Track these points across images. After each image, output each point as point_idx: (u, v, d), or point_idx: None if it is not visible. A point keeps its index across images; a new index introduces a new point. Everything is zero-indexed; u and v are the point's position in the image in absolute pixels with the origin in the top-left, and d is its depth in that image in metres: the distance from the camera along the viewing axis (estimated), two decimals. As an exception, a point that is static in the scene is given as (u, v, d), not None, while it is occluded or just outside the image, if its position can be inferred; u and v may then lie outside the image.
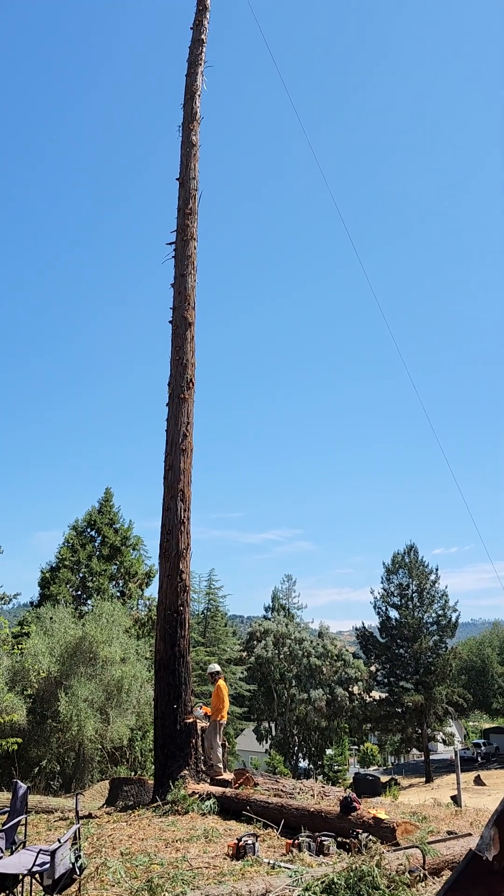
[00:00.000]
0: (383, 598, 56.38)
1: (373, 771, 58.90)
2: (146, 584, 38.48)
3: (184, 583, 12.44)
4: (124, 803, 12.03)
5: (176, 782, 10.66)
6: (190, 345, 13.94)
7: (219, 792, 10.25)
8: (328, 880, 5.30)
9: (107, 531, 38.19)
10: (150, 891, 5.38)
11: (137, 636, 31.40)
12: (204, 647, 59.74)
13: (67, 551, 36.79)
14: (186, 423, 13.39)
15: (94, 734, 24.00)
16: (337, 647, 56.18)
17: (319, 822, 8.08)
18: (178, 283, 14.41)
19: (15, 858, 5.99)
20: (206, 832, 8.27)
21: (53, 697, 23.96)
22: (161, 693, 11.92)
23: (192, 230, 14.77)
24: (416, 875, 5.91)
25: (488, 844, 2.77)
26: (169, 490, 12.99)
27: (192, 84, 16.29)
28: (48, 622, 26.71)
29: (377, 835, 7.10)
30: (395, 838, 7.09)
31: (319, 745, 54.14)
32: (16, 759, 23.07)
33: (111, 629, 26.23)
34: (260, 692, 55.38)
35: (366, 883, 5.17)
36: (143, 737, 28.48)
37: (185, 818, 9.32)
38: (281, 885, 5.41)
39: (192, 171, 15.31)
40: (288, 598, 64.29)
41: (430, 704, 51.12)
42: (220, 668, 13.42)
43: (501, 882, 2.73)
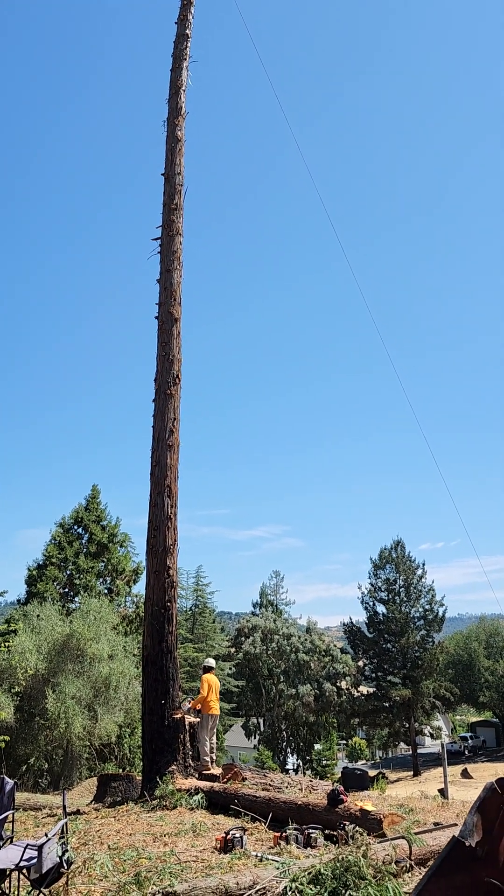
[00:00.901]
0: (370, 593, 56.68)
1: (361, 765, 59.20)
2: (134, 581, 38.43)
3: (171, 579, 12.45)
4: (112, 799, 12.02)
5: (164, 778, 10.69)
6: (176, 340, 13.93)
7: (207, 787, 10.28)
8: (315, 871, 5.34)
9: (94, 528, 38.09)
10: (137, 884, 5.39)
11: (125, 633, 31.34)
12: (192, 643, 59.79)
13: (54, 549, 36.67)
14: (173, 419, 13.39)
15: (82, 731, 23.95)
16: (325, 643, 56.30)
17: (307, 815, 8.12)
18: (163, 278, 14.40)
19: (2, 854, 5.99)
20: (194, 826, 8.30)
21: (41, 695, 23.88)
22: (149, 689, 11.93)
23: (178, 225, 14.76)
24: (403, 865, 5.95)
25: (471, 831, 2.81)
26: (156, 486, 12.99)
27: (176, 79, 16.25)
28: (35, 620, 26.61)
29: (364, 826, 7.14)
30: (381, 829, 7.14)
31: (308, 740, 54.29)
32: (3, 758, 23.00)
33: (99, 626, 26.16)
34: (248, 688, 55.46)
35: (352, 873, 5.21)
36: (131, 733, 28.45)
37: (173, 813, 9.35)
38: (268, 876, 5.44)
39: (177, 166, 15.28)
40: (276, 595, 64.42)
41: (418, 698, 51.45)
42: (212, 663, 13.40)
43: (484, 867, 2.77)
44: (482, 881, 2.76)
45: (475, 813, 2.84)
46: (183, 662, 51.45)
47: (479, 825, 2.81)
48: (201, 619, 65.66)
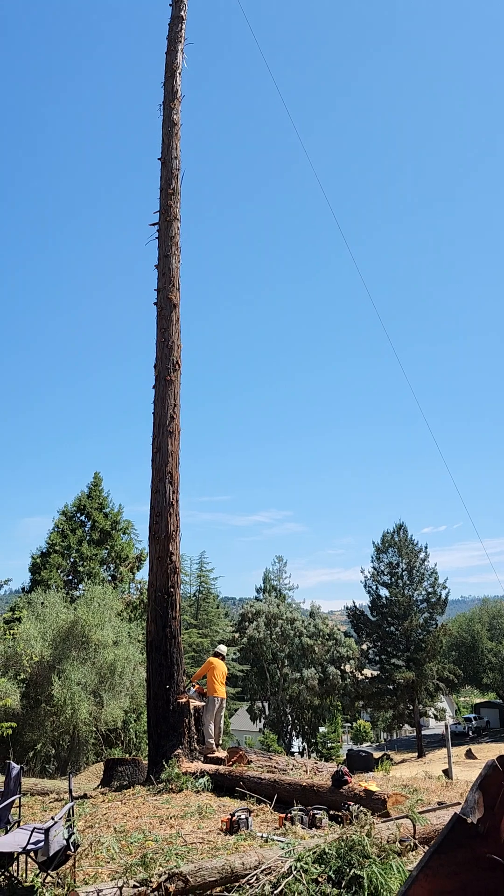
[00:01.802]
0: (373, 577, 56.84)
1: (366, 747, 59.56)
2: (137, 568, 38.57)
3: (174, 564, 12.49)
4: (119, 783, 12.12)
5: (170, 761, 10.77)
6: (175, 326, 13.89)
7: (212, 769, 10.35)
8: (319, 851, 5.38)
9: (97, 516, 38.19)
10: (144, 866, 5.43)
11: (129, 619, 31.52)
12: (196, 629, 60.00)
13: (58, 536, 36.79)
14: (173, 405, 13.38)
15: (88, 717, 24.13)
16: (328, 627, 56.55)
17: (312, 796, 8.18)
18: (162, 264, 14.34)
19: (9, 837, 6.05)
20: (199, 809, 8.37)
21: (47, 682, 24.04)
22: (153, 674, 11.99)
23: (176, 210, 14.67)
24: (407, 844, 6.00)
25: (472, 808, 2.82)
26: (157, 473, 13.00)
27: (172, 62, 16.10)
28: (40, 607, 26.74)
29: (368, 806, 7.20)
30: (386, 809, 7.19)
31: (312, 724, 54.65)
32: (10, 744, 23.19)
33: (103, 613, 26.29)
34: (253, 672, 55.76)
35: (356, 852, 5.25)
36: (137, 718, 28.66)
37: (179, 796, 9.42)
38: (273, 856, 5.48)
39: (173, 150, 15.18)
40: (279, 580, 64.62)
41: (421, 681, 51.71)
42: (223, 650, 13.38)
43: (484, 844, 2.79)
44: (484, 857, 2.78)
45: (476, 790, 2.86)
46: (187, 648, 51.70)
47: (480, 802, 2.82)
48: (205, 604, 65.85)
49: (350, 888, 5.02)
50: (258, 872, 5.30)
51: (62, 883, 5.64)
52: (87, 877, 5.78)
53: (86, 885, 5.14)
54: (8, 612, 30.82)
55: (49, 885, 5.70)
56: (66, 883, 5.55)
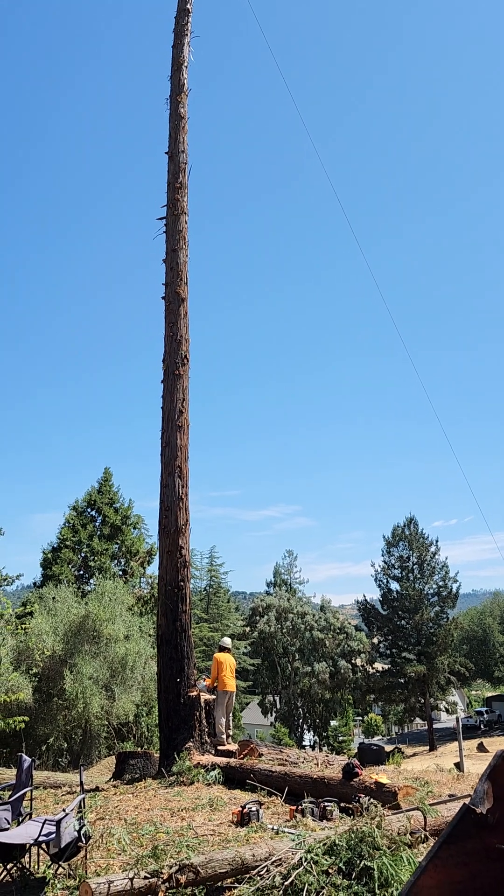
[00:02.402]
0: (384, 570, 56.78)
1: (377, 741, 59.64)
2: (148, 562, 38.68)
3: (184, 558, 12.50)
4: (131, 776, 12.17)
5: (181, 754, 10.80)
6: (183, 321, 13.88)
7: (223, 762, 10.38)
8: (330, 842, 5.38)
9: (107, 511, 38.31)
10: (155, 857, 5.46)
11: (140, 613, 31.61)
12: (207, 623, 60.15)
13: (68, 532, 36.94)
14: (182, 399, 13.37)
15: (99, 711, 24.22)
16: (339, 621, 56.56)
17: (322, 789, 8.19)
18: (169, 258, 14.32)
19: (21, 829, 6.08)
20: (210, 801, 8.39)
21: (59, 676, 24.14)
22: (164, 668, 12.02)
23: (183, 204, 14.65)
24: (418, 836, 6.00)
25: (481, 798, 2.81)
26: (166, 467, 13.01)
27: (178, 55, 16.05)
28: (51, 602, 26.85)
29: (379, 799, 7.20)
30: (396, 801, 7.19)
31: (324, 717, 54.71)
32: (23, 738, 23.32)
33: (114, 607, 26.37)
34: (264, 666, 55.86)
35: (367, 844, 5.25)
36: (148, 712, 28.76)
37: (190, 788, 9.45)
38: (284, 848, 5.49)
39: (180, 144, 15.14)
40: (289, 574, 64.66)
41: (433, 674, 51.66)
42: (227, 643, 13.41)
43: (494, 834, 2.78)
44: (493, 847, 2.77)
45: (486, 781, 2.84)
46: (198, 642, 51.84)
47: (489, 793, 2.81)
48: (216, 598, 66.01)
49: (360, 879, 5.02)
50: (269, 864, 5.31)
51: (74, 874, 5.67)
52: (99, 868, 5.81)
53: (97, 877, 5.17)
54: (20, 607, 30.99)
55: (61, 877, 5.73)
56: (78, 874, 5.58)
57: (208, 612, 63.37)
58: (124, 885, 4.87)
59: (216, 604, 65.47)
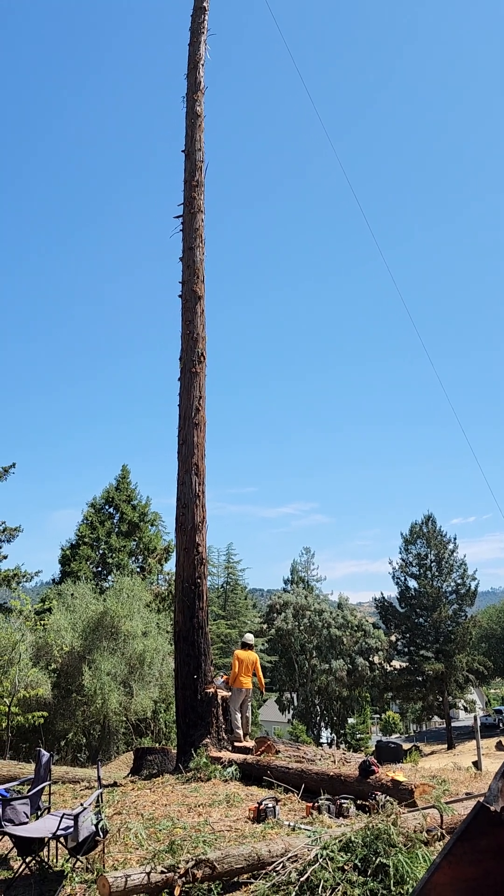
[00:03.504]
0: (402, 568, 56.54)
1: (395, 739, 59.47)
2: (165, 559, 38.86)
3: (200, 555, 12.55)
4: (148, 772, 12.24)
5: (198, 750, 10.85)
6: (200, 319, 13.91)
7: (240, 759, 10.41)
8: (346, 839, 5.40)
9: (125, 508, 38.53)
10: (171, 852, 5.50)
11: (158, 610, 31.77)
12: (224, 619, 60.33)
13: (87, 528, 37.19)
14: (199, 396, 13.41)
15: (118, 707, 24.40)
16: (357, 618, 56.45)
17: (339, 786, 8.20)
18: (186, 256, 14.36)
19: (40, 823, 6.15)
20: (227, 797, 8.43)
21: (77, 672, 24.35)
22: (181, 664, 12.08)
23: (199, 202, 14.68)
24: (434, 834, 6.00)
25: (496, 796, 2.81)
26: (183, 464, 13.06)
27: (195, 53, 16.07)
28: (70, 598, 27.07)
29: (395, 796, 7.20)
30: (413, 799, 7.19)
31: (341, 714, 54.66)
32: (42, 733, 23.54)
33: (132, 604, 26.54)
34: (281, 663, 55.90)
35: (382, 841, 5.26)
36: (166, 708, 28.91)
37: (207, 784, 9.50)
38: (300, 844, 5.52)
39: (197, 142, 15.17)
40: (307, 571, 64.61)
41: (451, 672, 51.42)
42: (249, 640, 13.31)
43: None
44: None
45: (500, 779, 2.84)
46: (216, 639, 52.00)
47: (503, 791, 2.81)
48: (233, 595, 66.19)
49: (376, 876, 5.03)
50: (284, 860, 5.34)
51: (91, 868, 5.73)
52: (116, 862, 5.86)
53: (114, 871, 5.22)
54: (39, 604, 31.25)
55: (78, 870, 5.79)
56: (96, 868, 5.64)
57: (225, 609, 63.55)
58: (141, 879, 4.91)
59: (233, 601, 65.64)
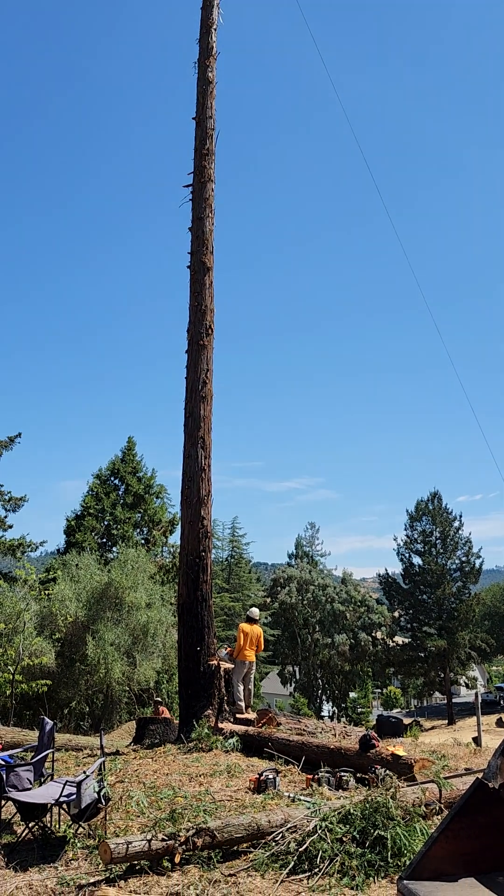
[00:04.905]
0: (406, 544, 56.73)
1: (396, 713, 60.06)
2: (170, 532, 39.05)
3: (205, 529, 12.60)
4: (150, 741, 12.43)
5: (200, 721, 10.99)
6: (208, 290, 13.81)
7: (242, 730, 10.55)
8: (345, 811, 5.49)
9: (130, 480, 38.66)
10: (172, 820, 5.61)
11: (162, 582, 32.00)
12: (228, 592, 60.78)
13: (92, 500, 37.37)
14: (206, 370, 13.36)
15: (121, 677, 24.67)
16: (360, 594, 56.76)
17: (339, 759, 8.31)
18: (195, 226, 14.22)
19: (43, 790, 6.26)
20: (228, 768, 8.56)
21: (81, 641, 24.59)
22: (184, 636, 12.19)
23: (210, 171, 14.49)
24: (433, 808, 6.08)
25: (494, 773, 2.85)
26: (189, 438, 13.07)
27: (207, 17, 15.75)
28: (74, 569, 27.27)
29: (395, 770, 7.30)
30: (412, 774, 7.28)
31: (343, 689, 55.18)
32: (46, 701, 23.85)
33: (136, 575, 26.72)
34: (284, 637, 56.36)
35: (381, 814, 5.34)
36: (169, 679, 29.23)
37: (208, 755, 9.63)
38: (299, 815, 5.61)
39: (208, 109, 14.94)
40: (311, 546, 64.83)
41: (453, 649, 51.79)
42: (254, 614, 13.42)
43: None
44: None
45: (499, 756, 2.88)
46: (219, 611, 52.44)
47: (503, 767, 2.85)
48: (237, 569, 66.59)
49: (374, 848, 5.12)
50: (284, 830, 5.43)
51: (93, 834, 5.84)
52: (118, 829, 5.98)
53: (116, 837, 5.32)
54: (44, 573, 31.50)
55: (80, 837, 5.91)
56: (97, 834, 5.75)
57: (229, 583, 63.99)
58: (142, 846, 5.01)
59: (237, 574, 66.05)
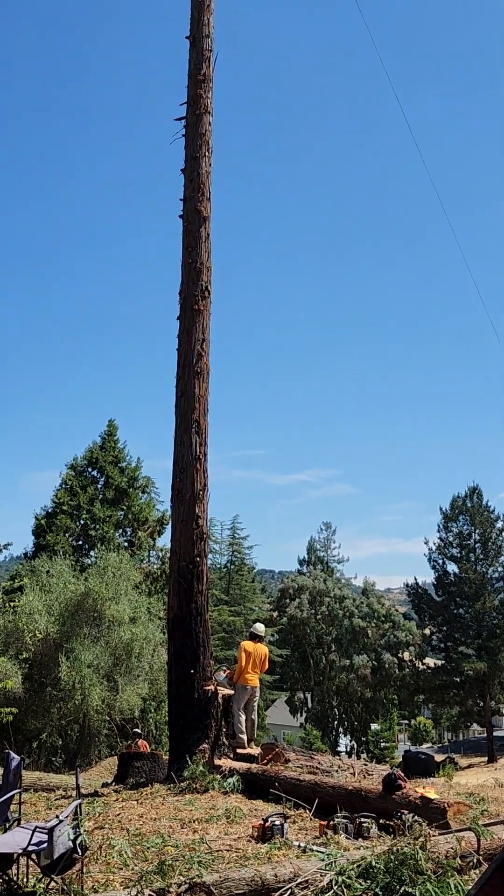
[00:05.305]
0: (440, 549, 56.79)
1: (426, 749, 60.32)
2: (158, 533, 39.16)
3: (200, 529, 12.62)
4: (135, 780, 12.51)
5: (194, 757, 11.02)
6: (205, 244, 13.76)
7: (243, 768, 10.59)
8: (365, 864, 5.51)
9: (111, 471, 38.71)
10: (161, 873, 5.63)
11: (149, 592, 32.15)
12: (227, 605, 60.91)
13: (65, 494, 37.42)
14: (202, 340, 13.34)
15: (100, 704, 24.79)
16: (384, 607, 57.00)
17: (359, 802, 8.35)
18: (189, 167, 14.15)
19: (8, 837, 6.28)
20: (227, 812, 8.59)
21: (53, 662, 24.71)
22: (175, 656, 12.23)
23: (207, 101, 14.40)
24: (469, 860, 6.10)
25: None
26: (182, 421, 13.05)
27: None
28: (45, 576, 27.35)
29: (425, 816, 7.33)
30: (445, 820, 7.31)
31: (363, 719, 55.43)
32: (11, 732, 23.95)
33: (118, 584, 26.82)
34: (293, 658, 56.59)
35: (408, 867, 5.36)
36: (157, 707, 29.39)
37: (204, 797, 9.68)
38: (311, 868, 5.63)
39: (205, 27, 14.83)
40: (326, 550, 65.05)
41: (495, 673, 51.94)
42: (259, 630, 13.43)
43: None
44: None
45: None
46: (217, 627, 52.58)
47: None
48: (238, 577, 66.71)
49: (400, 908, 5.14)
50: (293, 886, 5.45)
51: (68, 889, 5.87)
52: (97, 884, 6.00)
53: (94, 893, 5.36)
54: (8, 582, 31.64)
55: (53, 892, 5.94)
56: (73, 889, 5.77)
57: (229, 593, 64.11)
58: (126, 904, 5.05)
59: (238, 583, 66.17)
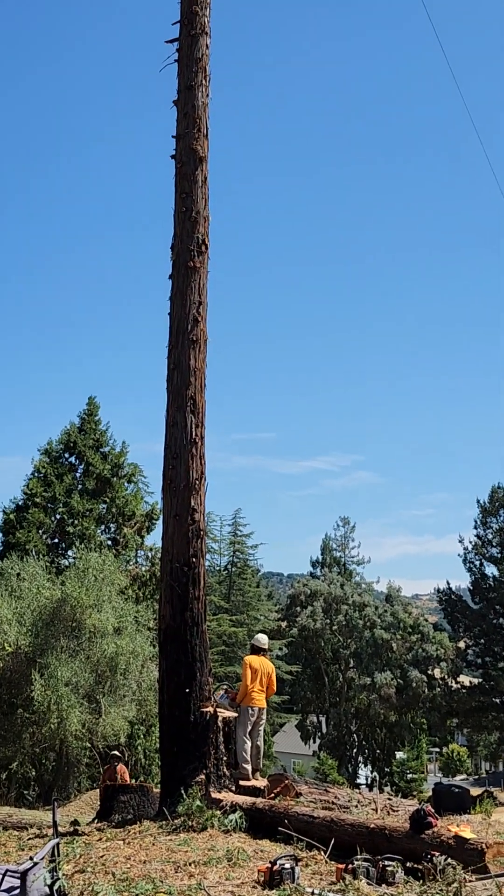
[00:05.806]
0: (477, 549, 56.78)
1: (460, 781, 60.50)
2: (147, 530, 39.18)
3: (197, 525, 12.61)
4: (121, 817, 12.56)
5: (190, 790, 11.05)
6: (202, 189, 13.69)
7: (247, 803, 10.61)
8: (390, 914, 5.55)
9: (92, 457, 38.68)
10: (153, 924, 5.68)
11: (136, 599, 32.21)
12: (228, 613, 61.05)
13: (38, 484, 37.39)
14: (198, 302, 13.29)
15: (80, 729, 24.86)
16: (412, 616, 57.04)
17: (382, 843, 8.38)
18: (182, 99, 14.07)
19: (-25, 881, 6.34)
20: (229, 854, 8.63)
21: (24, 680, 24.76)
22: (168, 673, 12.24)
23: (203, 20, 14.28)
24: (511, 909, 6.15)
25: None
26: (174, 398, 13.02)
27: None
28: (14, 580, 27.39)
29: (459, 858, 7.36)
30: (483, 863, 7.35)
31: (387, 747, 55.60)
32: (-23, 761, 24.10)
33: (101, 589, 26.86)
34: (305, 675, 56.75)
35: (441, 917, 5.41)
36: (146, 732, 29.51)
37: (201, 836, 9.71)
38: (327, 919, 5.67)
39: None
40: (344, 550, 65.03)
41: (541, 693, 52.04)
42: (262, 642, 13.39)
43: None
44: None
45: None
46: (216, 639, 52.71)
47: None
48: (240, 581, 66.81)
49: None
50: (306, 939, 5.49)
51: (44, 942, 5.93)
52: (78, 935, 6.06)
53: None
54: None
55: (27, 945, 6.00)
56: (50, 942, 5.83)
57: (230, 600, 64.24)
58: None
59: (241, 588, 66.29)
